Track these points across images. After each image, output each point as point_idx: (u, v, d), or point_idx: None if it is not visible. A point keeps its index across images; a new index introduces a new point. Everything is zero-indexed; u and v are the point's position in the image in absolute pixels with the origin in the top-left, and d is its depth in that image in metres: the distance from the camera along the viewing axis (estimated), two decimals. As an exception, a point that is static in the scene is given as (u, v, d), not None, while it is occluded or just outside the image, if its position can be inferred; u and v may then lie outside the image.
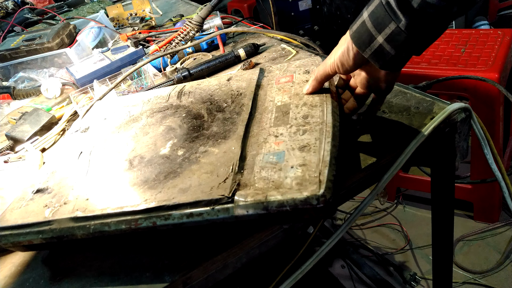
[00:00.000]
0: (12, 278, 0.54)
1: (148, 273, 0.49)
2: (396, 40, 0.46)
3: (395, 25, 0.45)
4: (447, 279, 0.87)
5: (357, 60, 0.51)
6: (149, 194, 0.48)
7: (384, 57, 0.48)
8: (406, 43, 0.46)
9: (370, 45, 0.48)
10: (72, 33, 1.28)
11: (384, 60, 0.48)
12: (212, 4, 1.04)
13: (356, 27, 0.49)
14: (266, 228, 0.50)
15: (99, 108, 0.75)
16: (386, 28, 0.46)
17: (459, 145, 0.62)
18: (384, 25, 0.46)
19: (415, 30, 0.45)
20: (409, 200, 1.76)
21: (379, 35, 0.46)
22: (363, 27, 0.48)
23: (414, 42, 0.46)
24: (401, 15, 0.44)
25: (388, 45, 0.46)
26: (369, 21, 0.47)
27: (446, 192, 0.71)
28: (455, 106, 0.59)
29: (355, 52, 0.50)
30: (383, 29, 0.46)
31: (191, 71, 0.92)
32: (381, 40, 0.46)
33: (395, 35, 0.45)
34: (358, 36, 0.49)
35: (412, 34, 0.45)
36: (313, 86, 0.57)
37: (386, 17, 0.45)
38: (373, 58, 0.49)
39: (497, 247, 1.46)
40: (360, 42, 0.48)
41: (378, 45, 0.47)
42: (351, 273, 1.50)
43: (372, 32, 0.47)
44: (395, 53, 0.47)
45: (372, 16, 0.47)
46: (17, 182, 0.70)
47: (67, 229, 0.48)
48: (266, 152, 0.49)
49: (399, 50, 0.47)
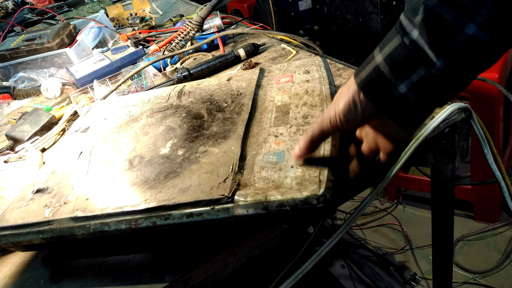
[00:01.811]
0: (12, 278, 0.54)
1: (148, 273, 0.49)
2: (424, 89, 0.37)
3: (425, 71, 0.36)
4: (447, 279, 0.87)
5: (367, 114, 0.41)
6: (149, 194, 0.48)
7: (406, 110, 0.39)
8: (438, 92, 0.37)
9: (388, 96, 0.38)
10: (72, 33, 1.28)
11: (405, 114, 0.39)
12: (212, 4, 1.04)
13: (367, 74, 0.39)
14: (266, 228, 0.50)
15: (99, 108, 0.75)
16: (413, 74, 0.37)
17: (459, 145, 0.62)
18: (408, 71, 0.37)
19: (452, 76, 0.36)
20: (409, 200, 1.76)
21: (401, 83, 0.37)
22: (377, 73, 0.38)
23: (448, 89, 0.37)
24: (435, 59, 0.35)
25: (413, 95, 0.37)
26: (386, 66, 0.38)
27: (446, 192, 0.71)
28: (455, 106, 0.59)
29: (364, 104, 0.40)
30: (407, 76, 0.37)
31: (191, 71, 0.92)
32: (404, 89, 0.37)
33: (424, 82, 0.36)
34: (369, 84, 0.39)
35: (448, 81, 0.36)
36: (308, 148, 0.45)
37: (412, 61, 0.36)
38: (391, 112, 0.39)
39: (497, 247, 1.46)
40: (373, 92, 0.39)
41: (400, 96, 0.38)
42: (351, 273, 1.50)
43: (390, 79, 0.38)
44: (421, 104, 0.38)
45: (390, 60, 0.37)
46: (17, 182, 0.70)
47: (67, 229, 0.48)
48: (266, 152, 0.49)
49: (427, 101, 0.38)
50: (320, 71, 0.63)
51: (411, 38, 0.36)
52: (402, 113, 0.39)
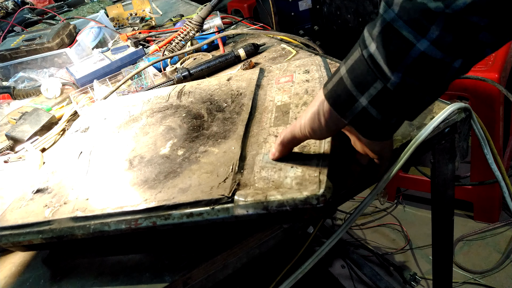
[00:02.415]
0: (12, 278, 0.54)
1: (148, 273, 0.49)
2: (383, 102, 0.37)
3: (381, 84, 0.36)
4: (447, 279, 0.87)
5: (331, 126, 0.41)
6: (149, 194, 0.48)
7: (369, 123, 0.39)
8: (396, 107, 0.37)
9: (351, 108, 0.38)
10: (72, 33, 1.28)
11: (369, 127, 0.39)
12: (212, 4, 1.04)
13: (332, 86, 0.39)
14: (266, 228, 0.50)
15: (99, 108, 0.75)
16: (371, 88, 0.36)
17: (459, 145, 0.62)
18: (367, 85, 0.37)
19: (408, 91, 0.36)
20: (409, 200, 1.76)
21: (361, 96, 0.37)
22: (341, 86, 0.38)
23: (406, 105, 0.37)
24: (390, 73, 0.35)
25: (374, 108, 0.37)
26: (348, 79, 0.38)
27: (446, 192, 0.71)
28: (455, 106, 0.59)
29: (327, 116, 0.40)
30: (367, 90, 0.37)
31: (191, 71, 0.92)
32: (365, 102, 0.37)
33: (381, 96, 0.36)
34: (334, 96, 0.39)
35: (404, 95, 0.36)
36: (280, 151, 0.46)
37: (370, 74, 0.36)
38: (355, 124, 0.40)
39: (497, 247, 1.46)
40: (338, 104, 0.39)
41: (361, 109, 0.38)
42: (351, 273, 1.49)
43: (352, 92, 0.38)
44: (382, 118, 0.38)
45: (352, 73, 0.37)
46: (17, 182, 0.70)
47: (67, 229, 0.48)
48: (266, 152, 0.49)
49: (387, 115, 0.38)
50: (320, 71, 0.63)
51: (369, 51, 0.36)
52: (366, 126, 0.39)
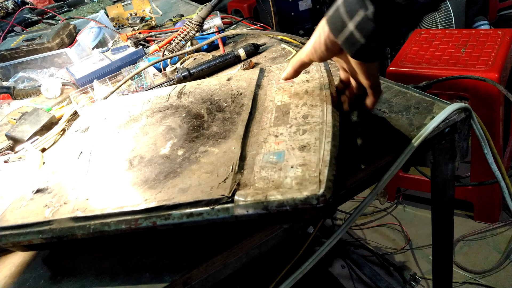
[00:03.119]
0: (12, 278, 0.54)
1: (148, 273, 0.49)
2: (365, 28, 0.45)
3: (363, 12, 0.44)
4: (447, 279, 0.87)
5: (329, 45, 0.50)
6: (149, 194, 0.48)
7: (355, 45, 0.47)
8: (375, 32, 0.45)
9: (342, 31, 0.47)
10: (72, 33, 1.28)
11: (355, 48, 0.47)
12: (212, 4, 1.04)
13: (331, 12, 0.48)
14: (266, 228, 0.50)
15: (99, 108, 0.75)
16: (356, 15, 0.45)
17: (459, 145, 0.62)
18: (354, 12, 0.45)
19: (383, 20, 0.44)
20: (409, 200, 1.76)
21: (350, 22, 0.46)
22: (337, 13, 0.47)
23: (383, 32, 0.45)
24: (369, 3, 0.43)
25: (358, 33, 0.46)
26: (342, 7, 0.46)
27: (446, 192, 0.71)
28: (455, 106, 0.59)
29: (326, 36, 0.49)
30: (353, 16, 0.45)
31: (191, 71, 0.92)
32: (352, 27, 0.46)
33: (363, 23, 0.45)
34: (332, 21, 0.48)
35: (380, 23, 0.44)
36: (288, 72, 0.57)
37: (357, 3, 0.44)
38: (345, 45, 0.48)
39: (497, 247, 1.46)
40: (334, 27, 0.48)
41: (349, 32, 0.46)
42: (351, 273, 1.50)
43: (344, 19, 0.46)
44: (365, 42, 0.46)
45: (345, 3, 0.46)
46: (17, 182, 0.70)
47: (67, 229, 0.48)
48: (266, 152, 0.49)
49: (368, 39, 0.46)
50: (320, 71, 0.63)
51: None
52: (353, 47, 0.47)
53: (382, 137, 0.59)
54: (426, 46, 1.53)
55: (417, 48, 1.53)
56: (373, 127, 0.62)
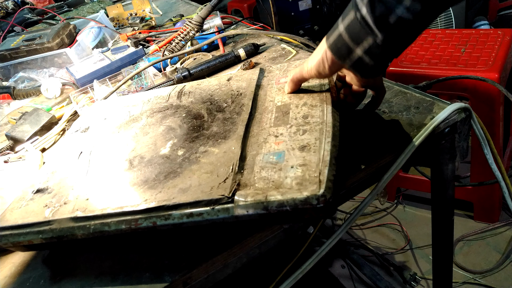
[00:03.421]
0: (12, 278, 0.54)
1: (148, 273, 0.49)
2: (374, 53, 0.47)
3: (372, 40, 0.46)
4: (447, 279, 0.87)
5: (333, 69, 0.53)
6: (149, 194, 0.48)
7: (364, 67, 0.50)
8: (384, 55, 0.48)
9: (350, 57, 0.49)
10: (72, 33, 1.28)
11: (364, 70, 0.50)
12: (212, 4, 1.04)
13: (333, 39, 0.50)
14: (266, 228, 0.50)
15: (99, 108, 0.75)
16: (364, 42, 0.47)
17: (459, 145, 0.62)
18: (361, 39, 0.47)
19: (392, 44, 0.47)
20: (409, 200, 1.76)
21: (357, 48, 0.48)
22: (340, 40, 0.49)
23: (392, 52, 0.48)
24: (378, 31, 0.45)
25: (367, 57, 0.48)
26: (346, 35, 0.48)
27: (446, 192, 0.71)
28: (455, 106, 0.59)
29: (330, 63, 0.52)
30: (361, 43, 0.47)
31: (191, 71, 0.92)
32: (360, 53, 0.48)
33: (373, 48, 0.47)
34: (336, 48, 0.50)
35: (390, 47, 0.47)
36: (291, 87, 0.60)
37: (363, 32, 0.46)
38: (354, 68, 0.51)
39: (497, 247, 1.46)
40: (339, 54, 0.50)
41: (357, 57, 0.49)
42: (351, 273, 1.49)
43: (350, 45, 0.48)
44: (374, 63, 0.49)
45: (348, 30, 0.48)
46: (17, 182, 0.70)
47: (67, 229, 0.48)
48: (266, 152, 0.49)
49: (378, 61, 0.49)
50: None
51: (361, 14, 0.46)
52: (362, 69, 0.50)
53: (382, 137, 0.59)
54: (426, 46, 1.53)
55: (417, 48, 1.53)
56: (373, 126, 0.62)
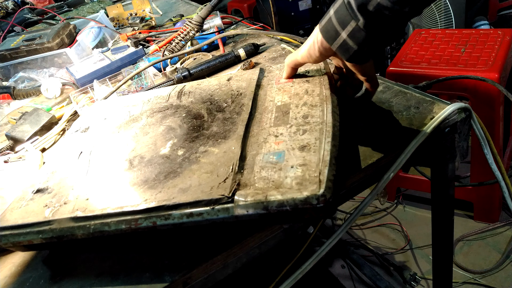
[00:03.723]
0: (12, 278, 0.54)
1: (148, 273, 0.49)
2: (357, 36, 0.50)
3: (355, 23, 0.49)
4: (447, 279, 0.87)
5: (322, 52, 0.55)
6: (149, 194, 0.48)
7: (349, 51, 0.52)
8: (366, 40, 0.50)
9: (336, 39, 0.52)
10: (72, 33, 1.28)
11: (349, 54, 0.52)
12: (212, 4, 1.03)
13: (324, 22, 0.53)
14: (266, 228, 0.50)
15: (99, 108, 0.75)
16: (348, 25, 0.50)
17: (459, 145, 0.62)
18: (346, 23, 0.50)
19: (372, 29, 0.49)
20: (409, 200, 1.76)
21: (343, 31, 0.51)
22: (330, 23, 0.52)
23: (373, 39, 0.51)
24: (360, 15, 0.48)
25: (351, 40, 0.51)
26: (334, 18, 0.51)
27: (446, 192, 0.71)
28: (455, 106, 0.59)
29: (319, 44, 0.55)
30: (346, 26, 0.50)
31: (191, 71, 0.92)
32: (345, 36, 0.51)
33: (355, 32, 0.50)
34: (325, 31, 0.53)
35: (371, 32, 0.49)
36: (288, 72, 0.63)
37: (348, 16, 0.50)
38: (340, 51, 0.53)
39: (497, 247, 1.46)
40: (328, 36, 0.53)
41: (343, 40, 0.51)
42: (351, 273, 1.50)
43: (337, 28, 0.51)
44: (358, 48, 0.51)
45: (337, 14, 0.51)
46: (17, 182, 0.70)
47: (67, 229, 0.48)
48: (266, 152, 0.49)
49: (361, 45, 0.51)
50: (320, 71, 0.63)
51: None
52: (347, 53, 0.52)
53: (382, 137, 0.59)
54: (426, 46, 1.53)
55: (417, 48, 1.53)
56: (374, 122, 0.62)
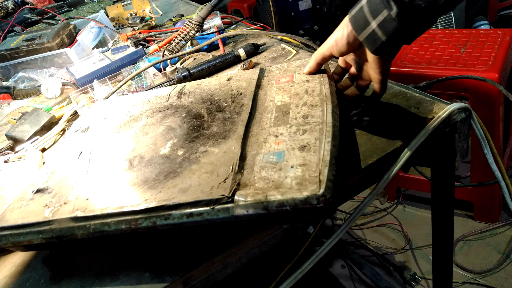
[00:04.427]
0: (12, 278, 0.54)
1: (148, 273, 0.49)
2: (387, 27, 0.49)
3: (387, 12, 0.48)
4: (447, 279, 0.87)
5: (350, 41, 0.54)
6: (149, 194, 0.48)
7: (376, 42, 0.51)
8: (396, 31, 0.49)
9: (365, 29, 0.51)
10: (72, 33, 1.28)
11: (376, 45, 0.51)
12: (212, 4, 1.03)
13: (355, 12, 0.52)
14: (266, 228, 0.50)
15: (99, 108, 0.75)
16: (380, 14, 0.49)
17: (459, 145, 0.62)
18: (378, 12, 0.49)
19: (405, 19, 0.48)
20: (409, 200, 1.76)
21: (373, 21, 0.50)
22: (360, 12, 0.51)
23: (404, 31, 0.49)
24: (393, 4, 0.47)
25: (380, 31, 0.50)
26: (366, 7, 0.50)
27: (446, 192, 0.71)
28: (455, 106, 0.59)
29: (349, 32, 0.54)
30: (377, 16, 0.49)
31: (191, 71, 0.92)
32: (375, 25, 0.50)
33: (386, 22, 0.49)
34: (355, 19, 0.52)
35: (402, 23, 0.48)
36: (311, 66, 0.62)
37: (381, 4, 0.49)
38: (366, 41, 0.52)
39: (497, 247, 1.46)
40: (357, 25, 0.52)
41: (372, 30, 0.50)
42: (351, 273, 1.50)
43: (367, 17, 0.50)
44: (386, 39, 0.50)
45: (369, 3, 0.50)
46: (17, 182, 0.70)
47: (67, 229, 0.48)
48: (266, 152, 0.49)
49: (390, 37, 0.50)
50: (320, 71, 0.63)
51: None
52: (374, 44, 0.51)
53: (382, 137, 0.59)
54: (426, 46, 1.53)
55: (417, 48, 1.53)
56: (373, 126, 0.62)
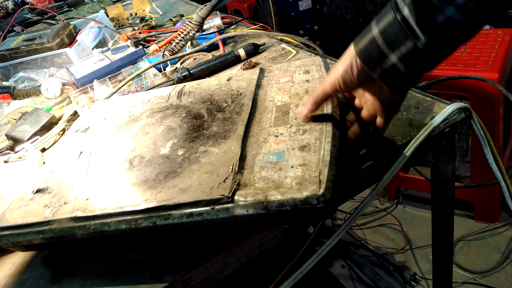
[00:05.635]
0: (12, 278, 0.54)
1: (148, 273, 0.49)
2: (411, 59, 0.43)
3: (412, 43, 0.41)
4: (447, 279, 0.87)
5: (362, 77, 0.47)
6: (149, 194, 0.48)
7: (397, 77, 0.44)
8: (423, 62, 0.43)
9: (381, 64, 0.44)
10: (72, 33, 1.28)
11: (395, 81, 0.45)
12: (212, 4, 1.04)
13: (364, 44, 0.45)
14: (266, 228, 0.50)
15: (99, 108, 0.75)
16: (402, 46, 0.42)
17: (459, 145, 0.62)
18: (398, 43, 0.42)
19: (435, 49, 0.42)
20: (409, 200, 1.76)
21: (392, 54, 0.43)
22: (373, 45, 0.44)
23: (432, 60, 0.43)
24: (421, 33, 0.41)
25: (403, 64, 0.43)
26: (381, 38, 0.43)
27: (446, 192, 0.71)
28: (455, 106, 0.59)
29: (360, 68, 0.47)
30: (397, 47, 0.42)
31: (191, 71, 0.92)
32: (395, 59, 0.43)
33: (411, 54, 0.42)
34: (366, 53, 0.45)
35: (432, 53, 0.42)
36: (310, 109, 0.51)
37: (401, 34, 0.42)
38: (384, 78, 0.45)
39: (497, 247, 1.46)
40: (369, 60, 0.45)
41: (391, 65, 0.44)
42: (351, 273, 1.49)
43: (384, 51, 0.43)
44: (409, 73, 0.44)
45: (384, 33, 0.43)
46: (17, 182, 0.70)
47: (67, 229, 0.48)
48: (266, 152, 0.49)
49: (414, 69, 0.44)
50: (320, 71, 0.63)
51: (402, 14, 0.41)
52: (393, 79, 0.45)
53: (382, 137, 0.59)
54: (426, 46, 1.53)
55: (417, 48, 1.53)
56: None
